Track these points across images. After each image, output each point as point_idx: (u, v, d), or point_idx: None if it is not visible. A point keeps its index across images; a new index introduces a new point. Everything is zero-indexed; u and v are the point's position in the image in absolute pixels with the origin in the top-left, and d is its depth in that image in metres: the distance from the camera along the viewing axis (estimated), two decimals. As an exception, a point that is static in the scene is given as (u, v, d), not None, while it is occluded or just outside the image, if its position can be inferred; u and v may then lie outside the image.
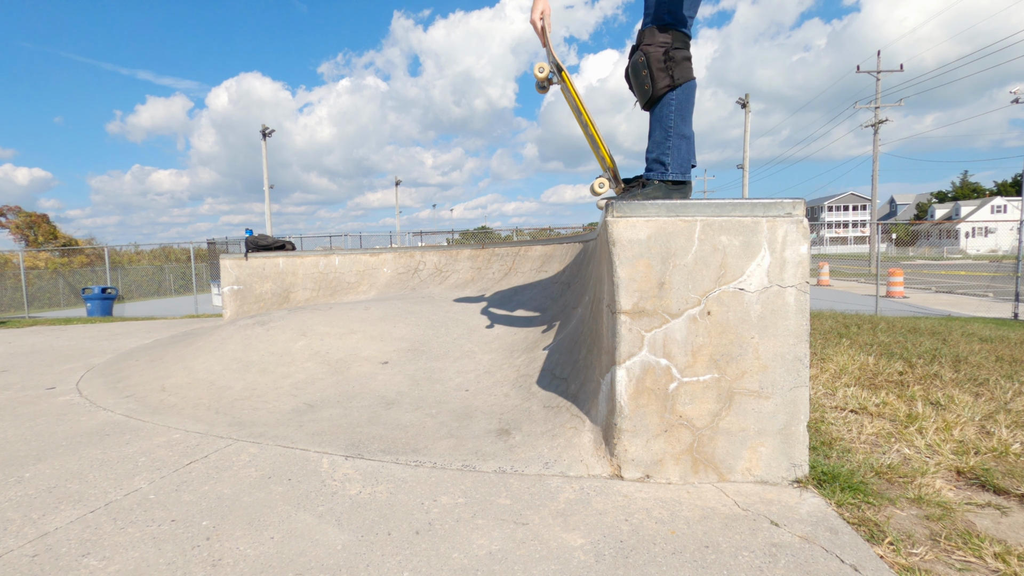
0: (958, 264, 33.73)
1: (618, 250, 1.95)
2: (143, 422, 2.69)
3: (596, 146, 2.41)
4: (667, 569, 1.44)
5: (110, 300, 14.25)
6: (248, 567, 1.45)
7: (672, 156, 2.16)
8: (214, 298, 14.18)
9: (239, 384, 3.12)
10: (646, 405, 1.93)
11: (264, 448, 2.29)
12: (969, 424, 2.46)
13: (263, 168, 29.24)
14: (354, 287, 6.12)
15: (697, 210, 1.96)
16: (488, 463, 2.07)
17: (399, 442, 2.30)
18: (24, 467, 2.17)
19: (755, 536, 1.58)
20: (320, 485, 1.93)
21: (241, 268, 6.14)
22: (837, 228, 75.22)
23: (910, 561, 1.46)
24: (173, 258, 29.98)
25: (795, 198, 1.95)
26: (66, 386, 3.58)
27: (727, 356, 1.92)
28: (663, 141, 2.16)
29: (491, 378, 2.95)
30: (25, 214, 38.01)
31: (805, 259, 1.92)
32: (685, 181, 2.15)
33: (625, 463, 1.95)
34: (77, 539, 1.60)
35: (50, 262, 27.99)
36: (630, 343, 1.93)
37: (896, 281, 14.76)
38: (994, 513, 1.74)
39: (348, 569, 1.44)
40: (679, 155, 2.16)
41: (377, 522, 1.68)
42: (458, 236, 31.41)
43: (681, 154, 2.16)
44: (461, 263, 5.85)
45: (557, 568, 1.44)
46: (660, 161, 2.17)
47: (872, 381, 3.25)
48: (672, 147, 2.16)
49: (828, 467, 1.97)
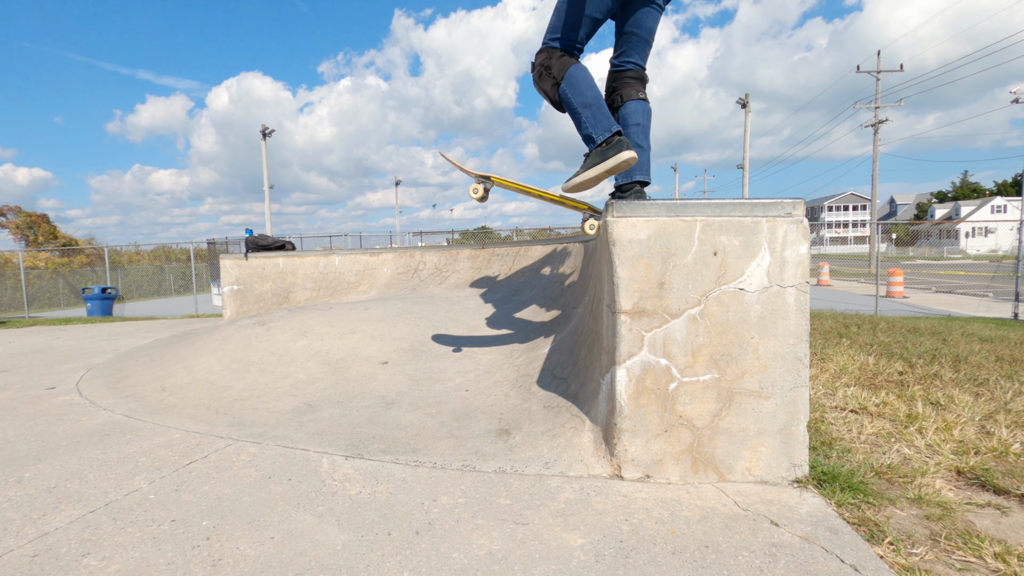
0: (958, 264, 33.74)
1: (618, 250, 1.95)
2: (143, 422, 2.69)
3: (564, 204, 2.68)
4: (667, 569, 1.44)
5: (110, 300, 14.25)
6: (248, 567, 1.45)
7: (589, 125, 2.41)
8: (214, 298, 14.18)
9: (239, 384, 3.12)
10: (646, 405, 1.93)
11: (264, 448, 2.29)
12: (969, 424, 2.46)
13: (263, 168, 29.25)
14: (354, 287, 6.12)
15: (697, 210, 1.96)
16: (488, 463, 2.07)
17: (399, 442, 2.30)
18: (24, 467, 2.17)
19: (755, 536, 1.58)
20: (320, 485, 1.93)
21: (241, 268, 6.14)
22: (837, 228, 75.24)
23: (910, 561, 1.46)
24: (173, 258, 29.98)
25: (795, 198, 1.95)
26: (66, 386, 3.58)
27: (727, 356, 1.92)
28: (578, 121, 2.44)
29: (491, 378, 2.95)
30: (25, 214, 38.03)
31: (805, 259, 1.92)
32: (613, 134, 2.36)
33: (625, 463, 1.95)
34: (77, 539, 1.60)
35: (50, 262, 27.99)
36: (630, 343, 1.93)
37: (896, 281, 14.76)
38: (994, 513, 1.74)
39: (348, 569, 1.44)
40: (593, 120, 2.40)
41: (377, 522, 1.68)
42: (458, 236, 31.42)
43: (593, 118, 2.41)
44: (461, 263, 5.85)
45: (557, 568, 1.44)
46: (587, 136, 2.41)
47: (872, 381, 3.25)
48: (584, 119, 2.42)
49: (828, 467, 1.97)
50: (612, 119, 2.40)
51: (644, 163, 2.51)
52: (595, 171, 2.33)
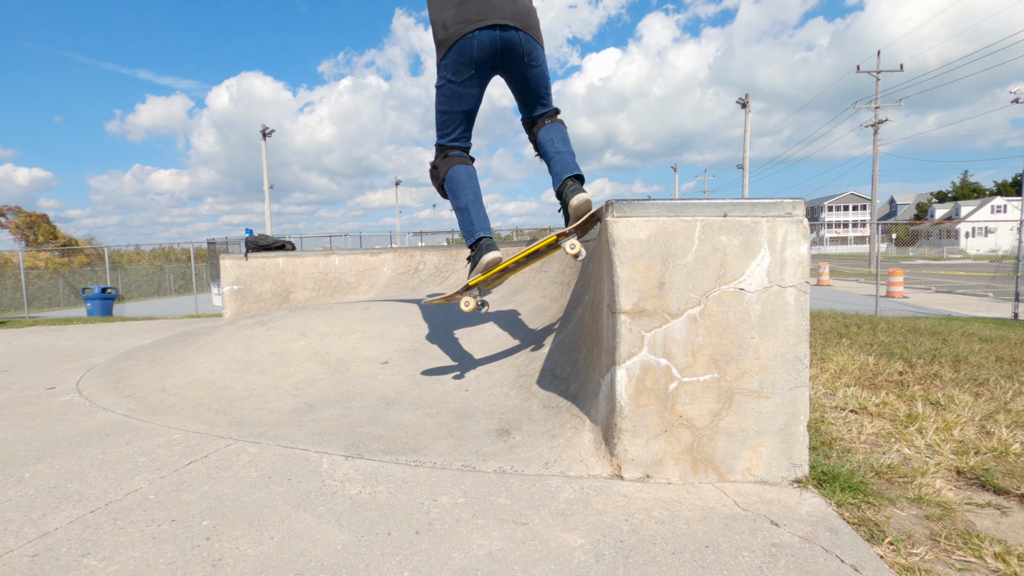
0: (958, 264, 33.73)
1: (618, 250, 1.95)
2: (143, 422, 2.69)
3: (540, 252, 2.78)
4: (667, 569, 1.44)
5: (110, 300, 14.25)
6: (248, 567, 1.45)
7: (462, 229, 2.79)
8: (214, 298, 14.17)
9: (239, 384, 3.12)
10: (646, 405, 1.93)
11: (264, 448, 2.29)
12: (969, 424, 2.46)
13: (263, 168, 29.24)
14: (354, 287, 6.12)
15: (697, 210, 1.96)
16: (488, 463, 2.07)
17: (399, 442, 2.30)
18: (24, 467, 2.17)
19: (755, 536, 1.58)
20: (320, 485, 1.93)
21: (241, 268, 6.14)
22: (837, 228, 75.23)
23: (910, 561, 1.46)
24: (173, 258, 29.98)
25: (795, 198, 1.95)
26: (66, 386, 3.58)
27: (727, 356, 1.92)
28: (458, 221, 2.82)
29: (491, 378, 2.95)
30: (25, 214, 38.03)
31: (805, 259, 1.92)
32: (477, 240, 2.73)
33: (625, 463, 1.95)
34: (77, 539, 1.60)
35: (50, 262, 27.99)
36: (630, 343, 1.93)
37: (896, 281, 14.76)
38: (994, 513, 1.74)
39: (348, 569, 1.44)
40: (464, 225, 2.77)
41: (377, 522, 1.68)
42: (458, 236, 31.41)
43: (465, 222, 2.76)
44: (461, 263, 5.85)
45: (557, 568, 1.44)
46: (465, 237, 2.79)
47: (872, 381, 3.25)
48: (459, 222, 2.80)
49: (828, 467, 1.97)
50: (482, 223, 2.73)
51: (568, 162, 2.70)
52: (470, 278, 2.70)
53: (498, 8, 2.51)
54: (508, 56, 2.56)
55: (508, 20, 2.50)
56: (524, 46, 2.55)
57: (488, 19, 2.48)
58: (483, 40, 2.49)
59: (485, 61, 2.56)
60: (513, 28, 2.51)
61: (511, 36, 2.51)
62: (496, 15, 2.49)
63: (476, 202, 2.73)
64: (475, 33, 2.48)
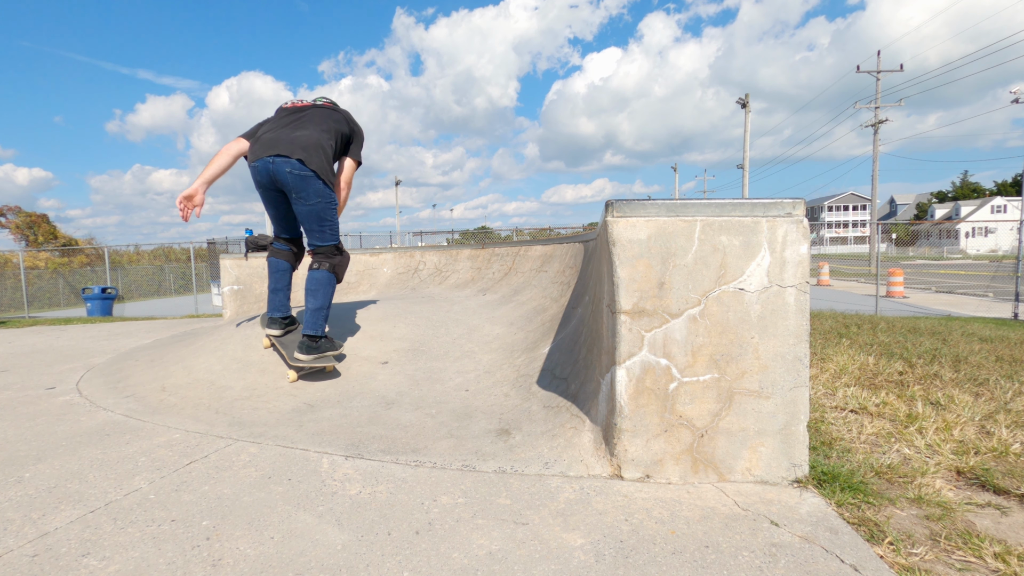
0: (958, 264, 33.73)
1: (618, 250, 1.95)
2: (143, 422, 2.69)
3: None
4: (667, 569, 1.44)
5: (110, 300, 14.26)
6: (248, 567, 1.45)
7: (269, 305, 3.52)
8: (214, 298, 14.17)
9: (239, 384, 3.12)
10: (646, 405, 1.93)
11: (264, 448, 2.29)
12: (969, 424, 2.46)
13: (263, 168, 29.12)
14: (354, 287, 6.12)
15: (697, 210, 1.96)
16: (488, 463, 2.07)
17: (399, 442, 2.30)
18: (24, 467, 2.17)
19: (755, 536, 1.58)
20: (320, 485, 1.93)
21: (241, 268, 6.13)
22: (837, 228, 75.25)
23: (910, 561, 1.46)
24: (173, 258, 29.99)
25: (795, 198, 1.95)
26: (66, 386, 3.58)
27: (727, 356, 1.92)
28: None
29: (491, 378, 2.95)
30: (25, 214, 38.04)
31: (805, 259, 1.92)
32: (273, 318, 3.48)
33: (625, 463, 1.95)
34: (77, 539, 1.60)
35: (50, 262, 28.00)
36: (630, 343, 1.93)
37: (896, 281, 14.76)
38: (994, 513, 1.74)
39: (348, 569, 1.44)
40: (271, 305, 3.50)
41: (377, 522, 1.68)
42: (458, 236, 31.41)
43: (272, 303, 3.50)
44: (461, 263, 5.85)
45: (557, 568, 1.44)
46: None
47: (872, 381, 3.25)
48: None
49: (828, 467, 1.97)
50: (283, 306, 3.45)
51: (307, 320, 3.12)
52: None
53: (278, 144, 3.00)
54: (280, 184, 3.05)
55: (280, 151, 2.97)
56: (290, 181, 3.00)
57: (266, 153, 3.00)
58: (259, 168, 3.04)
59: (265, 185, 3.12)
60: (284, 157, 2.96)
61: (279, 166, 2.97)
62: (273, 150, 2.99)
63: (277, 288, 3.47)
64: (255, 163, 3.05)
